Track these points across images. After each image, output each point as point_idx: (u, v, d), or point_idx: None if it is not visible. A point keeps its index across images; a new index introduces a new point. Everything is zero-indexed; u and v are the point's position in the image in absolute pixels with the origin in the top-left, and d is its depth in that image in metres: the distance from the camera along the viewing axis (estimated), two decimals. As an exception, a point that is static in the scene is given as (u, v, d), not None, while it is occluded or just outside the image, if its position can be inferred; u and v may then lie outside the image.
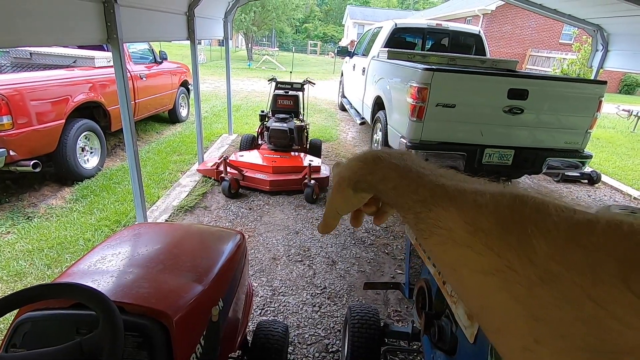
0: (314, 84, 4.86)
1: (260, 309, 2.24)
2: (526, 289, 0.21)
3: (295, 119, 4.54)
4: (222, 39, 5.24)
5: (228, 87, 5.48)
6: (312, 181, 3.63)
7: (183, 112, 6.76)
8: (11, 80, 3.13)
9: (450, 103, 3.23)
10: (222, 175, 3.69)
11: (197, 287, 1.05)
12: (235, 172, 3.72)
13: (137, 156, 2.65)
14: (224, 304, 1.14)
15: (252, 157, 4.02)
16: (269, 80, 4.84)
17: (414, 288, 1.42)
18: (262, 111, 4.59)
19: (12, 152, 3.07)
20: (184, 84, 6.64)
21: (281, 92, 4.67)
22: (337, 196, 0.40)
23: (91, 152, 4.05)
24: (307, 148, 4.55)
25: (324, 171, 3.91)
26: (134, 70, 4.93)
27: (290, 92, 4.67)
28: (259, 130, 4.67)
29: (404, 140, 3.44)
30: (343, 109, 8.05)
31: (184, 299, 0.98)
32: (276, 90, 4.71)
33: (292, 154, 4.21)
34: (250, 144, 4.54)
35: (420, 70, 3.20)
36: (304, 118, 4.76)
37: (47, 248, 2.66)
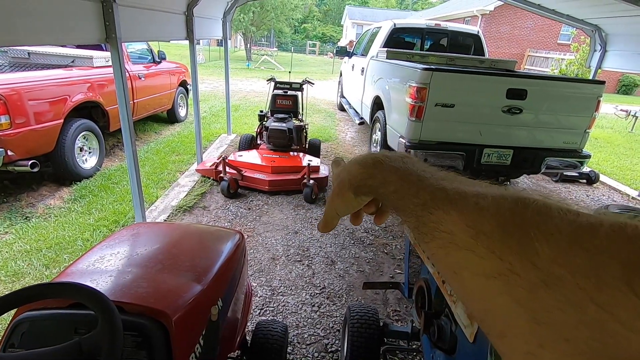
0: (313, 84, 4.86)
1: (260, 309, 2.24)
2: (529, 292, 0.21)
3: (294, 119, 4.54)
4: (220, 39, 5.23)
5: (227, 87, 5.47)
6: (311, 181, 3.63)
7: (182, 112, 6.75)
8: (9, 80, 3.12)
9: (449, 103, 3.23)
10: (221, 175, 3.68)
11: (196, 286, 1.04)
12: (234, 172, 3.71)
13: (135, 156, 2.65)
14: (223, 304, 1.14)
15: (251, 157, 4.02)
16: (267, 80, 4.84)
17: (413, 287, 1.42)
18: (261, 111, 4.59)
19: (10, 152, 3.06)
20: (183, 84, 6.63)
21: (280, 92, 4.67)
22: (337, 199, 0.40)
23: (89, 152, 4.03)
24: (306, 148, 4.55)
25: (323, 171, 3.91)
26: (132, 70, 4.92)
27: (289, 92, 4.67)
28: (258, 130, 4.67)
29: (403, 140, 3.44)
30: (342, 109, 8.06)
31: (183, 298, 0.98)
32: (275, 90, 4.71)
33: (291, 154, 4.21)
34: (249, 144, 4.53)
35: (419, 70, 3.20)
36: (302, 118, 4.75)
37: (45, 248, 2.65)
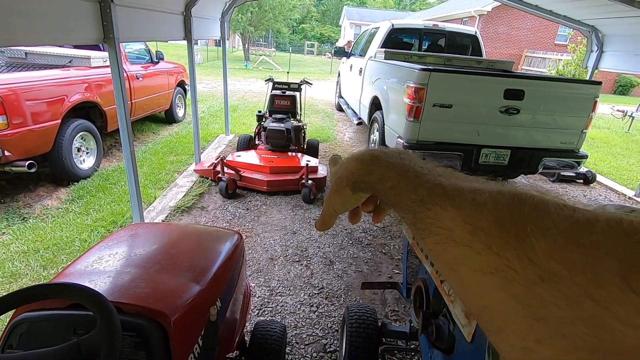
0: (311, 84, 4.86)
1: (258, 309, 2.24)
2: (526, 288, 0.21)
3: (292, 119, 4.54)
4: (218, 39, 5.23)
5: (225, 87, 5.46)
6: (310, 181, 3.63)
7: (180, 112, 6.74)
8: (6, 80, 3.10)
9: (447, 103, 3.24)
10: (219, 175, 3.68)
11: (195, 287, 1.04)
12: (233, 172, 3.71)
13: (133, 156, 2.64)
14: (222, 304, 1.14)
15: (250, 157, 4.02)
16: (266, 81, 4.84)
17: (412, 287, 1.42)
18: (260, 111, 4.59)
19: (7, 153, 3.05)
20: (181, 84, 6.62)
21: (278, 92, 4.67)
22: (335, 196, 0.40)
23: (87, 153, 4.02)
24: (305, 148, 4.55)
25: (321, 171, 3.91)
26: (130, 70, 4.91)
27: (288, 93, 4.67)
28: (256, 131, 4.66)
29: (401, 141, 3.45)
30: (340, 109, 8.06)
31: (182, 298, 0.98)
32: (273, 91, 4.70)
33: (290, 154, 4.21)
34: (247, 144, 4.53)
35: (417, 71, 3.21)
36: (301, 118, 4.76)
37: (43, 249, 2.64)
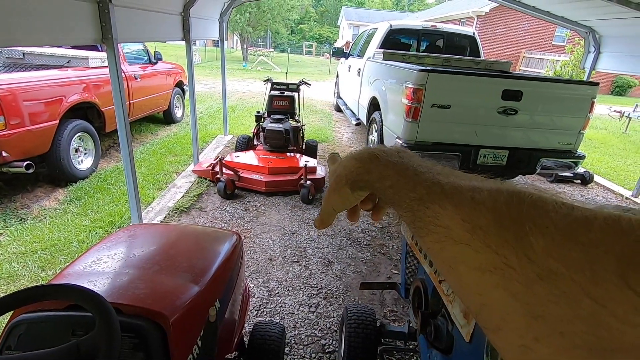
0: (310, 84, 4.86)
1: (257, 310, 2.24)
2: (524, 286, 0.21)
3: (291, 119, 4.54)
4: (217, 40, 5.23)
5: (223, 87, 5.46)
6: (308, 182, 3.63)
7: (178, 112, 6.73)
8: (3, 81, 3.09)
9: (445, 104, 3.25)
10: (218, 176, 3.68)
11: (194, 287, 1.04)
12: (231, 172, 3.71)
13: (131, 157, 2.64)
14: (221, 305, 1.14)
15: (248, 157, 4.02)
16: (264, 81, 4.84)
17: (410, 288, 1.43)
18: (258, 112, 4.59)
19: (4, 153, 3.04)
20: (179, 84, 6.61)
21: (277, 92, 4.67)
22: (334, 195, 0.40)
23: (85, 153, 4.01)
24: (303, 149, 4.55)
25: (320, 172, 3.91)
26: (128, 70, 4.91)
27: (286, 93, 4.67)
28: (255, 131, 4.67)
29: (400, 141, 3.46)
30: (339, 109, 8.07)
31: (181, 299, 0.98)
32: (272, 91, 4.70)
33: (288, 154, 4.21)
34: (246, 144, 4.53)
35: (416, 72, 3.22)
36: (299, 119, 4.76)
37: (41, 250, 2.63)
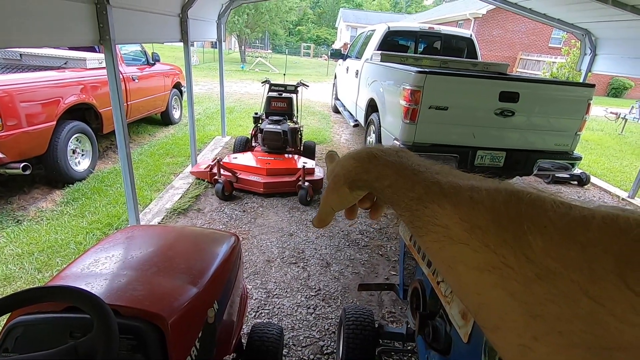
0: (308, 86, 4.87)
1: (255, 312, 2.24)
2: (523, 285, 0.21)
3: (289, 121, 4.55)
4: (215, 41, 5.23)
5: (221, 89, 5.46)
6: (306, 183, 3.64)
7: (176, 114, 6.72)
8: (0, 82, 3.08)
9: (442, 105, 3.26)
10: (216, 177, 3.67)
11: (192, 289, 1.04)
12: (229, 174, 3.70)
13: (129, 158, 2.63)
14: (219, 306, 1.14)
15: (246, 159, 4.01)
16: (262, 83, 4.84)
17: (408, 289, 1.43)
18: (256, 113, 4.59)
19: (1, 155, 3.02)
20: (177, 85, 6.60)
21: (275, 94, 4.67)
22: (332, 194, 0.40)
23: (82, 155, 4.00)
24: (301, 150, 4.55)
25: (318, 173, 3.91)
26: (126, 72, 4.90)
27: (284, 95, 4.67)
28: (253, 133, 4.66)
29: (397, 143, 3.47)
30: (336, 111, 8.08)
31: (179, 301, 0.98)
32: (270, 93, 4.71)
33: (286, 156, 4.22)
34: (243, 146, 4.53)
35: (414, 73, 3.23)
36: (297, 120, 4.76)
37: (37, 252, 2.62)
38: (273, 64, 19.54)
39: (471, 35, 6.03)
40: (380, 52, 4.89)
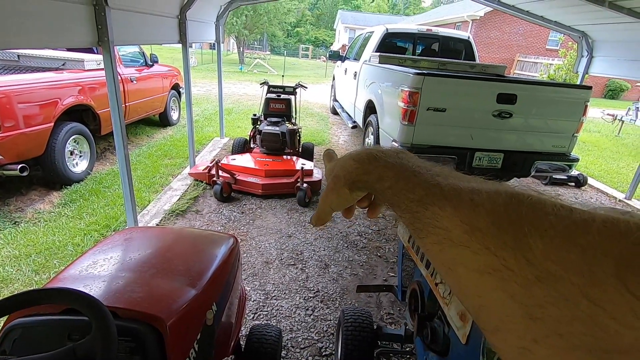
0: (306, 87, 4.88)
1: (253, 313, 2.23)
2: (523, 288, 0.21)
3: (287, 122, 4.55)
4: (213, 43, 5.23)
5: (220, 90, 5.46)
6: (305, 184, 3.64)
7: (174, 115, 6.72)
8: (-2, 83, 3.07)
9: (440, 107, 3.27)
10: (214, 178, 3.67)
11: (191, 291, 1.04)
12: (227, 175, 3.70)
13: (127, 160, 2.63)
14: (218, 308, 1.14)
15: (244, 160, 4.01)
16: (261, 84, 4.85)
17: (407, 290, 1.43)
18: (255, 114, 4.59)
19: (-2, 156, 3.02)
20: (175, 87, 6.60)
21: (273, 95, 4.68)
22: (332, 194, 0.40)
23: (80, 156, 3.99)
24: (300, 151, 4.55)
25: (317, 174, 3.92)
26: (124, 73, 4.89)
27: (283, 96, 4.68)
28: (251, 134, 4.67)
29: (396, 144, 3.47)
30: (335, 112, 8.09)
31: (178, 303, 0.98)
32: (268, 94, 4.71)
33: (285, 157, 4.22)
34: (242, 147, 4.53)
35: (412, 75, 3.24)
36: (296, 121, 4.77)
37: (35, 254, 2.61)
38: (271, 65, 19.55)
39: (469, 37, 6.05)
40: (378, 53, 4.90)
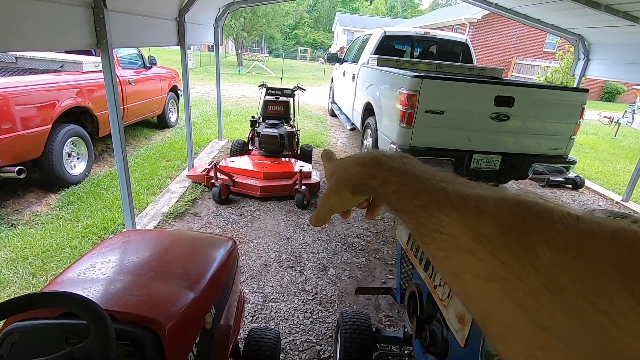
0: (305, 89, 4.89)
1: (252, 316, 2.23)
2: (530, 296, 0.21)
3: (285, 124, 4.56)
4: (212, 45, 5.23)
5: (218, 92, 5.46)
6: (303, 187, 3.64)
7: (172, 117, 6.71)
8: (-4, 85, 3.06)
9: (438, 110, 3.28)
10: (213, 181, 3.67)
11: (189, 294, 1.04)
12: (226, 177, 3.70)
13: (125, 162, 2.62)
14: (216, 311, 1.14)
15: (243, 162, 4.01)
16: (259, 86, 4.85)
17: (405, 293, 1.43)
18: (253, 117, 4.59)
19: (-5, 158, 3.00)
20: (174, 89, 6.59)
21: (272, 97, 4.69)
22: (333, 196, 0.40)
23: (78, 158, 3.97)
24: (298, 154, 4.56)
25: (315, 177, 3.92)
26: (122, 75, 4.88)
27: (281, 98, 4.69)
28: (250, 136, 4.67)
29: (394, 146, 3.48)
30: (333, 114, 8.10)
31: (176, 306, 0.97)
32: (267, 96, 4.72)
33: (283, 159, 4.22)
34: (240, 149, 4.53)
35: (410, 78, 3.25)
36: (294, 124, 4.77)
37: (32, 256, 2.59)
38: (270, 67, 19.56)
39: (466, 39, 6.08)
40: (376, 56, 4.92)
